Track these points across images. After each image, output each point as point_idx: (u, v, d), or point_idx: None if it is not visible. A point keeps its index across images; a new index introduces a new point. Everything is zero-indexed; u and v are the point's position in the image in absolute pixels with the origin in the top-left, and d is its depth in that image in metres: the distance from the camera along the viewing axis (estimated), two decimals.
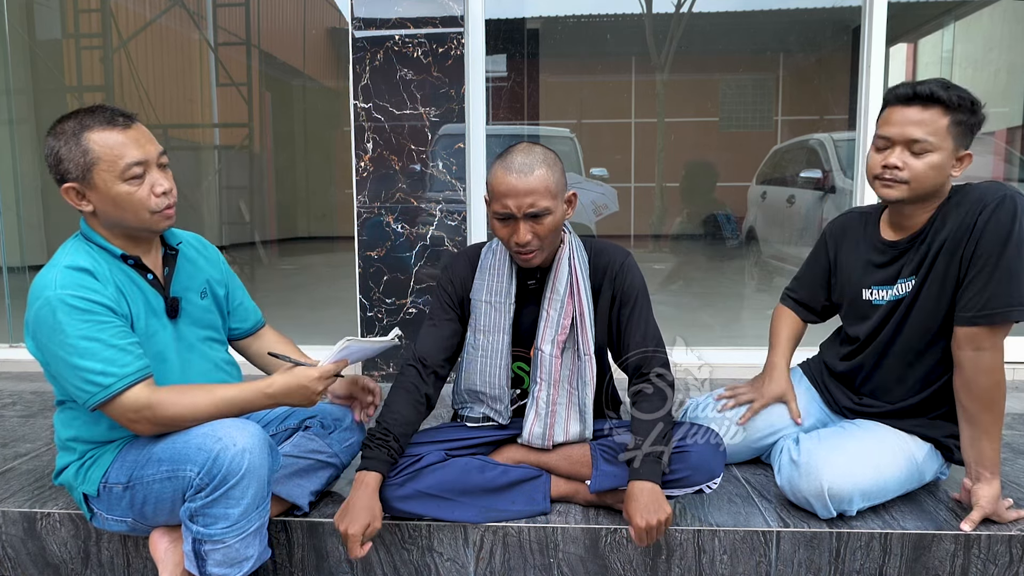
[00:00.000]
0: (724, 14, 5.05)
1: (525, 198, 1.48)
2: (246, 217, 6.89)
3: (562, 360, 1.63)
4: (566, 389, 1.63)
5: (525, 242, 1.51)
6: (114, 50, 5.60)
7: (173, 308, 1.50)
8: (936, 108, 1.48)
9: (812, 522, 1.59)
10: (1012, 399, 2.62)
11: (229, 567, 1.36)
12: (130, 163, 1.35)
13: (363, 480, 1.48)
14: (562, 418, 1.63)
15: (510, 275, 1.66)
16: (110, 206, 1.38)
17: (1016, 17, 4.39)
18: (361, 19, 2.79)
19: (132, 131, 1.38)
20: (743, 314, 4.53)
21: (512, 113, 4.91)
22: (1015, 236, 1.45)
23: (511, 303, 1.65)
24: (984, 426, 1.52)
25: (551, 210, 1.51)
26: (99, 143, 1.34)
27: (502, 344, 1.65)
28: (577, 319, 1.62)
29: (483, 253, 1.71)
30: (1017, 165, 4.20)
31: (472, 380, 1.68)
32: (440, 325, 1.69)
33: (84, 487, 1.47)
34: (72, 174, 1.36)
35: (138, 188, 1.37)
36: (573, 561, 1.60)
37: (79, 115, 1.37)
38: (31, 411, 2.57)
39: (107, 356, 1.32)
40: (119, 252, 1.43)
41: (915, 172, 1.51)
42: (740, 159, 5.34)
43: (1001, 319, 1.47)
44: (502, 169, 1.51)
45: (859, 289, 1.71)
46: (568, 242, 1.64)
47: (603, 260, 1.67)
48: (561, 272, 1.62)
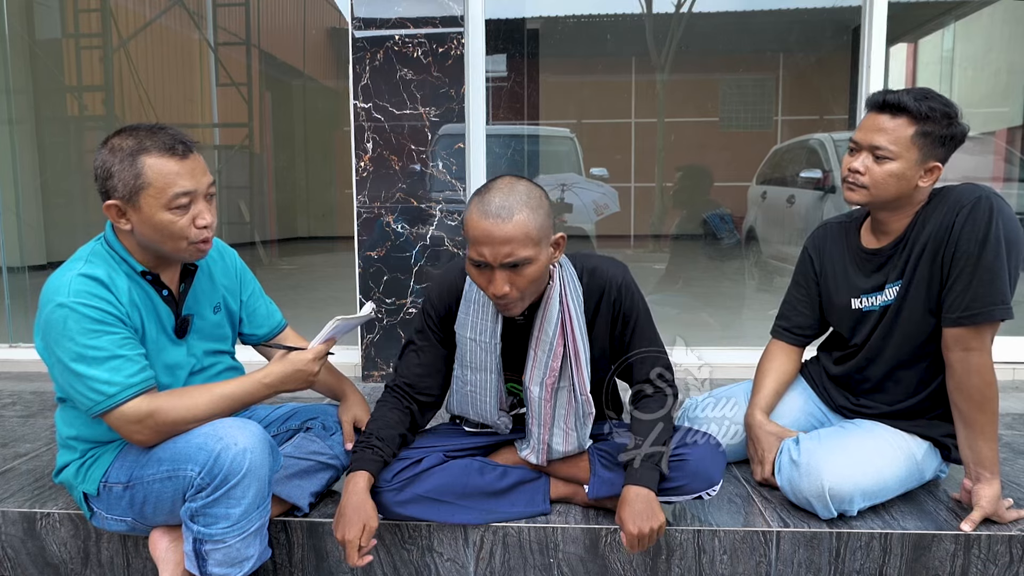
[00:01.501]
0: (724, 14, 5.05)
1: (502, 247, 1.31)
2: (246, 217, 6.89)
3: (554, 402, 1.54)
4: (562, 428, 1.56)
5: (502, 294, 1.36)
6: (114, 50, 5.60)
7: (183, 328, 1.50)
8: (904, 117, 1.50)
9: (812, 522, 1.59)
10: (1012, 399, 2.62)
11: (230, 567, 1.36)
12: (178, 193, 1.34)
13: (351, 481, 1.46)
14: (558, 449, 1.59)
15: (495, 312, 1.52)
16: (149, 230, 1.36)
17: (1016, 17, 4.39)
18: (361, 19, 2.79)
19: (188, 161, 1.36)
20: (743, 314, 4.53)
21: (512, 113, 4.91)
22: (992, 236, 1.46)
23: (497, 342, 1.53)
24: (979, 426, 1.52)
25: (532, 259, 1.34)
26: (154, 169, 1.32)
27: (490, 383, 1.57)
28: (572, 360, 1.50)
29: (468, 282, 1.56)
30: (1017, 165, 4.20)
31: (464, 409, 1.64)
32: (421, 351, 1.62)
33: (84, 486, 1.47)
34: (119, 192, 1.34)
35: (181, 218, 1.35)
36: (573, 561, 1.60)
37: (139, 134, 1.35)
38: (31, 411, 2.57)
39: (113, 365, 1.32)
40: (140, 268, 1.42)
41: (874, 178, 1.54)
42: (740, 159, 5.35)
43: (984, 319, 1.48)
44: (477, 211, 1.33)
45: (848, 299, 1.72)
46: (558, 277, 1.50)
47: (598, 281, 1.55)
48: (550, 312, 1.49)
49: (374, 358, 2.92)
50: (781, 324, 1.88)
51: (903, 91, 1.51)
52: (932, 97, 1.50)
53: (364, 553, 1.39)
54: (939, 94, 1.52)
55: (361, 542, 1.38)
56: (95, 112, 5.78)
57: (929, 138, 1.50)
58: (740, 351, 2.99)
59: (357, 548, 1.37)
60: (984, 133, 4.38)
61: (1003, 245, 1.46)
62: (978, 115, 4.61)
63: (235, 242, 1.71)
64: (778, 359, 1.85)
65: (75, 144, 5.68)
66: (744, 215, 5.04)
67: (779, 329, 1.88)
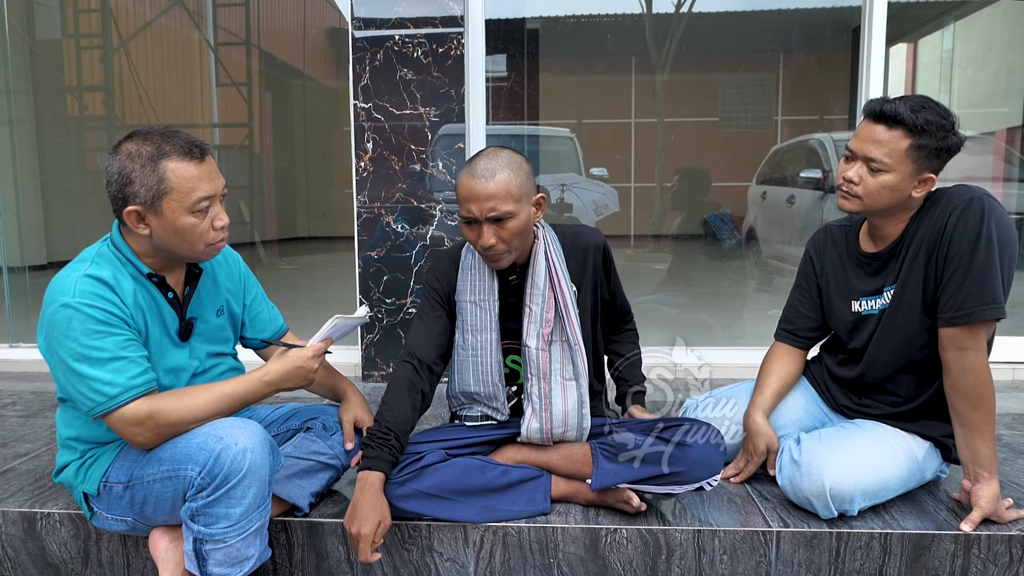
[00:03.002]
0: (724, 14, 5.05)
1: (486, 202, 1.51)
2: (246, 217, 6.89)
3: (550, 353, 1.64)
4: (559, 381, 1.64)
5: (489, 245, 1.54)
6: (114, 50, 5.60)
7: (187, 332, 1.51)
8: (900, 129, 1.50)
9: (812, 522, 1.59)
10: (1012, 399, 2.62)
11: (230, 567, 1.36)
12: (201, 197, 1.36)
13: (367, 480, 1.48)
14: (558, 409, 1.63)
15: (491, 273, 1.68)
16: (170, 234, 1.37)
17: (1016, 17, 4.39)
18: (361, 19, 2.79)
19: (205, 165, 1.39)
20: (743, 314, 4.52)
21: (512, 113, 4.91)
22: (984, 236, 1.47)
23: (495, 300, 1.67)
24: (975, 425, 1.52)
25: (513, 214, 1.53)
26: (176, 174, 1.34)
27: (491, 342, 1.66)
28: (562, 310, 1.64)
29: (463, 253, 1.72)
30: (1017, 165, 4.20)
31: (466, 381, 1.68)
32: (429, 322, 1.70)
33: (84, 486, 1.47)
34: (140, 198, 1.34)
35: (202, 221, 1.38)
36: (573, 561, 1.60)
37: (155, 139, 1.36)
38: (31, 411, 2.57)
39: (115, 367, 1.32)
40: (146, 271, 1.43)
41: (868, 189, 1.55)
42: (740, 159, 5.34)
43: (977, 318, 1.49)
44: (466, 174, 1.54)
45: (848, 302, 1.73)
46: (542, 236, 1.67)
47: (582, 242, 1.72)
48: (538, 266, 1.64)
49: (374, 358, 2.92)
50: (784, 327, 1.88)
51: (900, 101, 1.51)
52: (929, 108, 1.49)
53: (375, 549, 1.43)
54: (936, 103, 1.51)
55: (375, 538, 1.42)
56: (95, 112, 5.78)
57: (924, 151, 1.50)
58: (740, 351, 2.99)
59: (371, 543, 1.41)
60: (984, 133, 4.38)
61: (995, 245, 1.47)
62: (978, 115, 4.61)
63: (235, 242, 1.71)
64: (781, 360, 1.85)
65: (75, 144, 5.68)
66: (744, 215, 5.04)
67: (782, 332, 1.88)
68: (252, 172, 7.18)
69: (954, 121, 1.51)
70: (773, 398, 1.80)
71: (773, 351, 1.88)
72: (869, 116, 1.56)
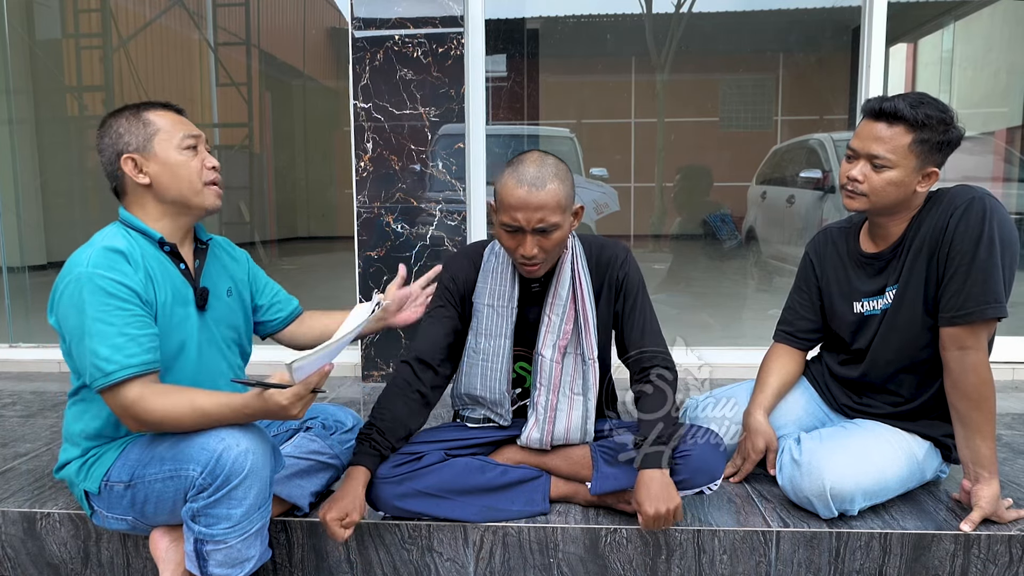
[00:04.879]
0: (724, 14, 5.05)
1: (535, 213, 1.45)
2: (246, 217, 6.89)
3: (563, 365, 1.62)
4: (567, 395, 1.63)
5: (531, 256, 1.50)
6: (114, 50, 5.60)
7: (203, 298, 1.52)
8: (901, 126, 1.51)
9: (812, 522, 1.59)
10: (1012, 399, 2.62)
11: (230, 567, 1.36)
12: (187, 134, 1.47)
13: (349, 474, 1.53)
14: (562, 423, 1.63)
15: (513, 278, 1.64)
16: (168, 175, 1.45)
17: (1016, 17, 4.39)
18: (361, 19, 2.79)
19: (183, 116, 1.52)
20: (743, 314, 4.53)
21: (512, 113, 4.91)
22: (986, 236, 1.48)
23: (514, 307, 1.64)
24: (975, 425, 1.52)
25: (560, 225, 1.49)
26: (160, 117, 1.47)
27: (503, 349, 1.64)
28: (581, 323, 1.62)
29: (486, 255, 1.69)
30: (1017, 165, 4.20)
31: (472, 384, 1.67)
32: (439, 322, 1.68)
33: (86, 484, 1.47)
34: (132, 145, 1.45)
35: (193, 158, 1.47)
36: (573, 561, 1.60)
37: (133, 103, 1.50)
38: (31, 411, 2.57)
39: (117, 343, 1.32)
40: (158, 236, 1.46)
41: (873, 186, 1.55)
42: (740, 159, 5.35)
43: (978, 317, 1.49)
44: (513, 180, 1.47)
45: (850, 303, 1.73)
46: (571, 247, 1.64)
47: (605, 256, 1.67)
48: (564, 277, 1.62)
49: (374, 358, 2.93)
50: (783, 328, 1.88)
51: (899, 98, 1.52)
52: (928, 103, 1.51)
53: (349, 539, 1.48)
54: (934, 98, 1.52)
55: (344, 525, 1.44)
56: (95, 112, 5.78)
57: (926, 145, 1.51)
58: (740, 351, 2.99)
59: (339, 528, 1.43)
60: (984, 133, 4.38)
61: (997, 245, 1.48)
62: (978, 115, 4.62)
63: (235, 242, 1.72)
64: (781, 360, 1.85)
65: (75, 144, 5.68)
66: (744, 215, 5.04)
67: (782, 333, 1.88)
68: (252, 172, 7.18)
69: (953, 115, 1.52)
70: (774, 397, 1.80)
71: (773, 351, 1.88)
72: (869, 115, 1.56)
